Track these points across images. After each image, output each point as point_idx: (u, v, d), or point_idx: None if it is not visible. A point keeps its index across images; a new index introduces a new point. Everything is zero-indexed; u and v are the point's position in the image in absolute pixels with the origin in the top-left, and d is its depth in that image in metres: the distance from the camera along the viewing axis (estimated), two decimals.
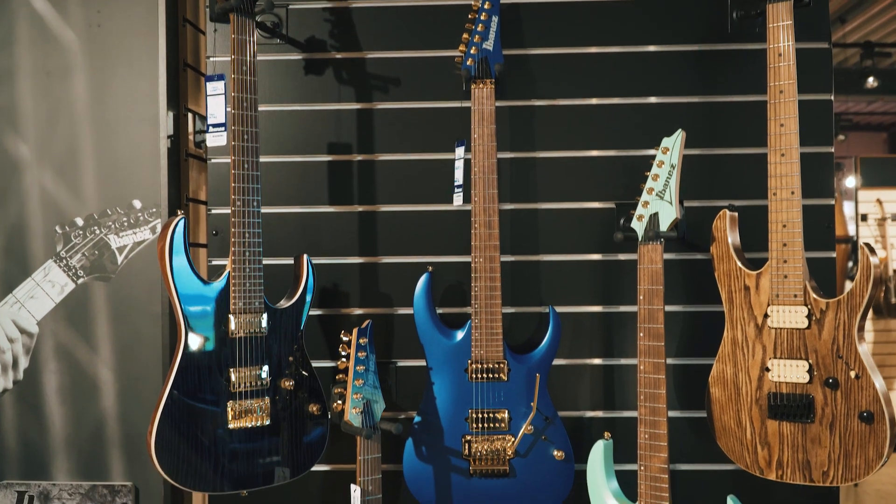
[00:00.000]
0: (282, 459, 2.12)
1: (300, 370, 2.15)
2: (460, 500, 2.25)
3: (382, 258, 2.42)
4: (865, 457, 1.94)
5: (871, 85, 7.22)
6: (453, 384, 2.25)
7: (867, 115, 9.31)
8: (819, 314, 2.00)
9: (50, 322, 2.55)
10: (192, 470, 2.01)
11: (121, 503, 2.55)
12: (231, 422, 2.05)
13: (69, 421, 2.54)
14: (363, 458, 2.06)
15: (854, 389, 1.95)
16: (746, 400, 2.09)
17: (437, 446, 2.24)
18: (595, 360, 2.39)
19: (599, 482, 2.16)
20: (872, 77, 7.29)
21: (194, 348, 2.01)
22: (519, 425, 2.21)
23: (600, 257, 2.39)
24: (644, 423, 2.06)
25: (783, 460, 2.05)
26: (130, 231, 2.56)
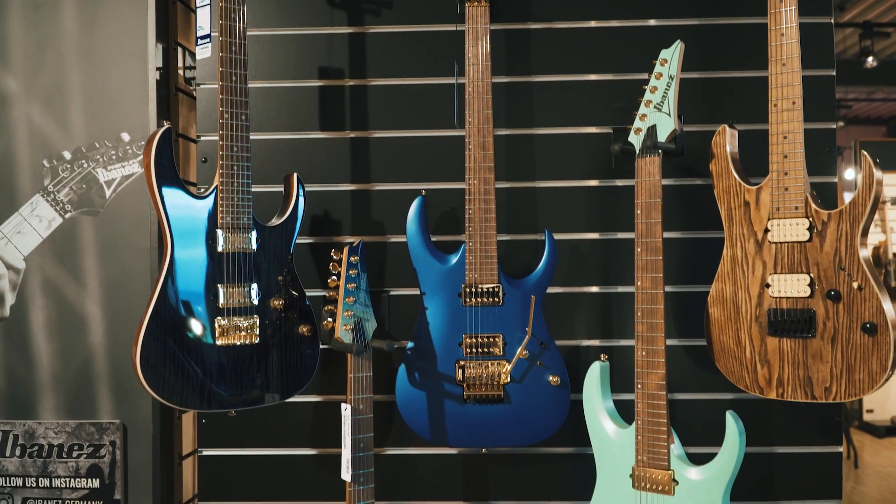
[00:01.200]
0: (271, 380, 2.07)
1: (290, 290, 2.10)
2: (454, 427, 2.19)
3: (375, 185, 2.37)
4: (869, 370, 1.89)
5: (870, 65, 7.18)
6: (447, 309, 2.20)
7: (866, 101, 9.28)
8: (820, 226, 1.95)
9: (37, 257, 2.50)
10: (178, 386, 1.96)
11: (108, 441, 2.49)
12: (218, 338, 2.00)
13: (56, 358, 2.49)
14: (354, 377, 2.01)
15: (857, 301, 1.90)
16: (746, 318, 2.04)
17: (430, 372, 2.19)
18: (592, 287, 2.34)
19: (595, 402, 2.11)
20: (872, 57, 7.26)
21: (181, 263, 1.97)
22: (514, 351, 2.16)
23: (597, 183, 2.34)
24: (641, 339, 2.01)
25: (783, 378, 2.00)
26: (119, 164, 2.51)
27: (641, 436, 2.02)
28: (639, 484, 2.03)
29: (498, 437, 2.21)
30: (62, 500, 2.49)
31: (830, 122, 2.29)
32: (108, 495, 2.50)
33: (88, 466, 2.49)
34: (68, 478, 2.50)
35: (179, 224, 1.97)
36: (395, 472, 2.36)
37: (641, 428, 2.02)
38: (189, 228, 1.98)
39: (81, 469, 2.49)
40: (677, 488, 1.98)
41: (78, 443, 2.49)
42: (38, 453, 2.49)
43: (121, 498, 2.49)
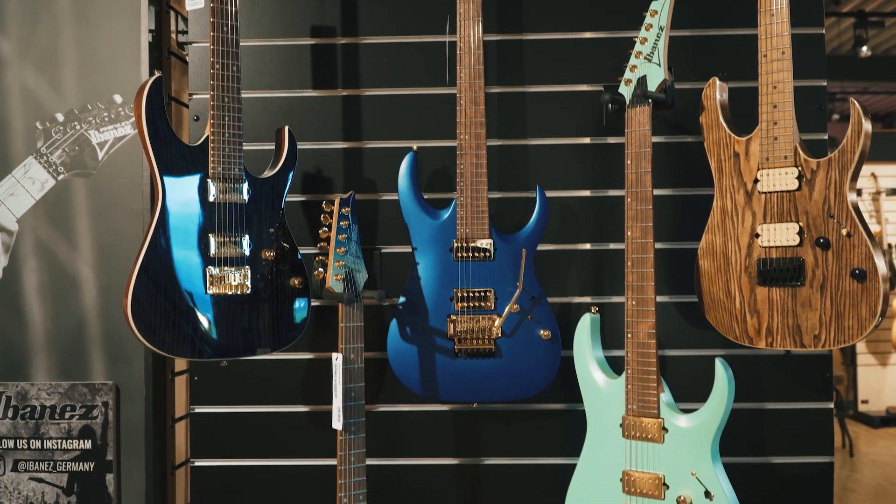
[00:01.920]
0: (262, 331, 2.08)
1: (282, 243, 2.11)
2: (445, 381, 2.20)
3: (367, 143, 2.38)
4: (858, 316, 1.90)
5: (865, 54, 7.20)
6: (438, 264, 2.20)
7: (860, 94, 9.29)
8: (810, 174, 1.96)
9: (30, 219, 2.50)
10: (169, 334, 1.96)
11: (101, 402, 2.49)
12: (209, 288, 2.00)
13: (49, 320, 2.49)
14: (345, 326, 2.02)
15: (846, 248, 1.91)
16: (736, 269, 2.05)
17: (421, 327, 2.20)
18: (584, 245, 2.35)
19: (586, 353, 2.12)
20: (866, 47, 7.28)
21: (172, 211, 1.97)
22: (505, 305, 2.17)
23: (589, 141, 2.35)
24: (632, 289, 2.02)
25: (773, 327, 2.00)
26: (111, 126, 2.52)
27: (631, 385, 2.02)
28: (629, 433, 2.03)
29: (489, 391, 2.21)
30: (54, 462, 2.49)
31: (820, 79, 2.30)
32: (101, 456, 2.50)
33: (81, 427, 2.49)
34: (60, 439, 2.50)
35: (170, 172, 1.98)
36: (387, 430, 2.36)
37: (631, 377, 2.02)
38: (180, 177, 1.99)
39: (73, 430, 2.49)
40: (667, 436, 1.98)
41: (70, 404, 2.49)
42: (30, 415, 2.49)
43: (113, 459, 2.49)
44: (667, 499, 1.98)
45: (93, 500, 2.49)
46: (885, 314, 5.79)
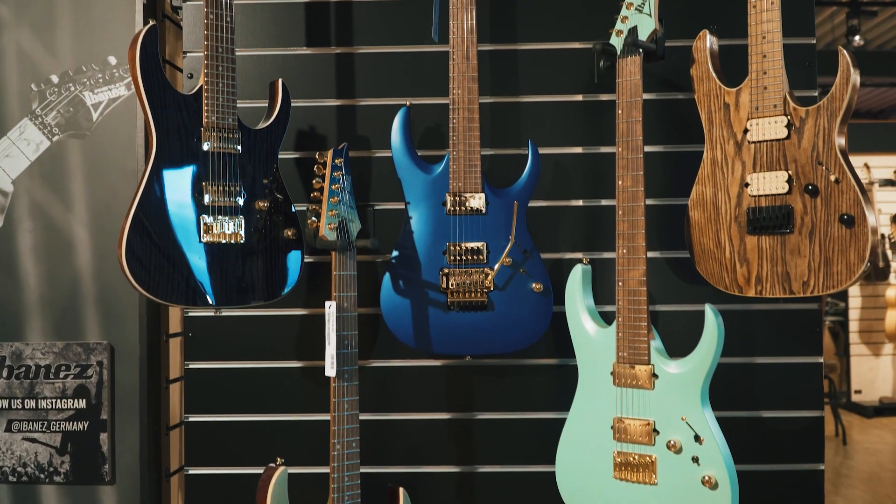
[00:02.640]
0: (256, 281, 2.09)
1: (275, 194, 2.12)
2: (438, 334, 2.21)
3: (360, 101, 2.40)
4: (847, 262, 1.92)
5: (857, 43, 7.23)
6: (431, 218, 2.22)
7: None
8: (799, 123, 1.98)
9: (25, 180, 2.52)
10: (163, 281, 1.97)
11: (95, 361, 2.50)
12: (203, 236, 2.02)
13: (43, 280, 2.51)
14: (338, 274, 2.03)
15: (834, 194, 1.93)
16: (725, 219, 2.07)
17: (414, 280, 2.21)
18: (576, 201, 2.36)
19: (577, 303, 2.13)
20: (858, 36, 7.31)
21: (165, 159, 1.98)
22: (497, 259, 2.18)
23: (581, 98, 2.36)
24: (622, 237, 2.04)
25: (762, 275, 2.02)
26: (105, 87, 2.53)
27: (622, 332, 2.04)
28: (619, 380, 2.05)
29: (481, 343, 2.22)
30: (48, 422, 2.50)
31: (809, 37, 2.32)
32: (95, 415, 2.51)
33: (75, 387, 2.50)
34: (55, 398, 2.51)
35: (163, 120, 1.99)
36: (380, 385, 2.38)
37: (622, 325, 2.04)
38: (173, 125, 2.00)
39: (68, 390, 2.50)
40: (657, 382, 2.00)
41: (65, 363, 2.50)
42: (24, 374, 2.50)
43: (107, 418, 2.50)
44: (657, 444, 1.99)
45: (86, 459, 2.49)
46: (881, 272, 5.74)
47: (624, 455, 2.04)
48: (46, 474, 2.50)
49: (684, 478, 1.96)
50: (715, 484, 1.92)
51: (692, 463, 1.95)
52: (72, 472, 2.51)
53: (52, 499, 2.52)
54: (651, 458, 2.00)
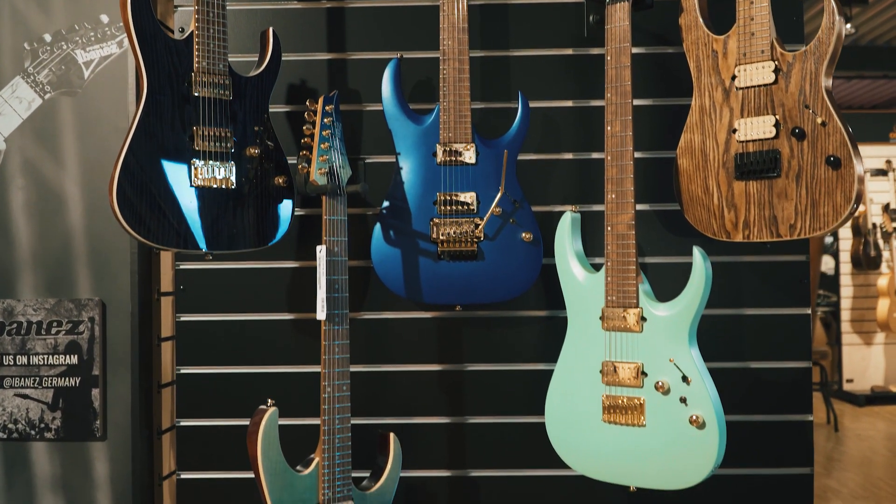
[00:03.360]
0: (247, 227, 2.10)
1: (266, 142, 2.13)
2: (428, 284, 2.22)
3: (351, 55, 2.41)
4: (833, 203, 1.93)
5: (849, 31, 7.26)
6: (421, 168, 2.23)
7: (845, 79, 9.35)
8: (786, 67, 2.00)
9: (17, 138, 2.52)
10: (154, 224, 1.98)
11: (87, 317, 2.51)
12: (194, 180, 2.03)
13: (35, 237, 2.51)
14: (328, 219, 2.04)
15: (821, 136, 1.95)
16: (714, 165, 2.09)
17: (404, 230, 2.22)
18: (566, 154, 2.38)
19: (566, 250, 2.15)
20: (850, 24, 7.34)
21: (156, 102, 1.99)
22: (487, 209, 2.20)
23: (571, 52, 2.38)
24: (612, 182, 2.05)
25: (749, 220, 2.04)
26: (97, 46, 2.54)
27: (611, 276, 2.06)
28: (608, 324, 2.06)
29: (472, 293, 2.24)
30: (39, 378, 2.51)
31: None
32: (87, 371, 2.51)
33: (67, 343, 2.51)
34: (46, 354, 2.51)
35: (154, 63, 2.00)
36: (371, 337, 2.39)
37: (611, 269, 2.06)
38: (164, 69, 2.01)
39: (60, 346, 2.51)
40: (645, 325, 2.02)
41: (57, 319, 2.50)
42: (16, 331, 2.51)
43: (99, 374, 2.50)
44: (645, 386, 2.01)
45: (78, 415, 2.50)
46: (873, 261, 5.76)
47: (612, 398, 2.05)
48: (37, 430, 2.51)
49: (672, 418, 1.97)
50: (702, 423, 1.93)
51: (680, 403, 1.96)
52: (63, 428, 2.51)
53: (44, 455, 2.52)
54: (639, 400, 2.01)
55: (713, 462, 1.94)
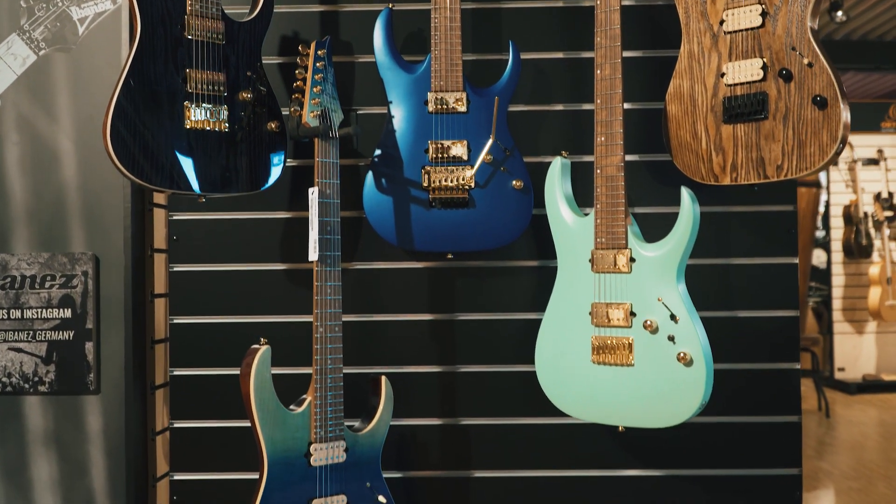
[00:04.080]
0: (240, 171, 2.12)
1: (259, 87, 2.15)
2: (420, 231, 2.24)
3: (343, 6, 2.43)
4: (819, 143, 1.96)
5: (840, 19, 7.30)
6: (413, 117, 2.26)
7: None
8: (773, 11, 2.02)
9: (12, 94, 2.54)
10: (147, 164, 2.00)
11: (81, 271, 2.52)
12: (187, 121, 2.04)
13: (29, 192, 2.53)
14: (320, 161, 2.06)
15: (807, 77, 1.98)
16: (702, 110, 2.11)
17: (396, 178, 2.24)
18: (556, 105, 2.40)
19: (556, 194, 2.17)
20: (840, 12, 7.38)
21: (149, 44, 2.01)
22: (478, 157, 2.21)
23: (562, 4, 2.41)
24: (601, 125, 2.08)
25: (737, 162, 2.06)
26: (91, 2, 2.56)
27: (601, 219, 2.08)
28: (597, 266, 2.09)
29: (463, 240, 2.26)
30: (33, 331, 2.52)
31: None
32: (80, 325, 2.53)
33: (61, 297, 2.52)
34: (40, 308, 2.52)
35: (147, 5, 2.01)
36: (363, 287, 2.41)
37: (601, 211, 2.08)
38: (157, 12, 2.03)
39: (53, 299, 2.52)
40: (634, 266, 2.04)
41: (50, 273, 2.52)
42: (10, 285, 2.52)
43: (93, 327, 2.52)
44: (634, 326, 2.03)
45: (71, 368, 2.52)
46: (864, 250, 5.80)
47: (601, 339, 2.07)
48: (31, 384, 2.52)
49: (660, 356, 1.99)
50: (690, 360, 1.95)
51: (668, 342, 1.98)
52: (57, 381, 2.52)
53: (37, 409, 2.53)
54: (628, 339, 2.04)
55: (700, 399, 1.96)
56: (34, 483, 2.55)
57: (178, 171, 2.04)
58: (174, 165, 2.04)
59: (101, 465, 2.56)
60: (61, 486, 2.56)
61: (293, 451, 2.03)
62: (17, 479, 2.54)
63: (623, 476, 2.39)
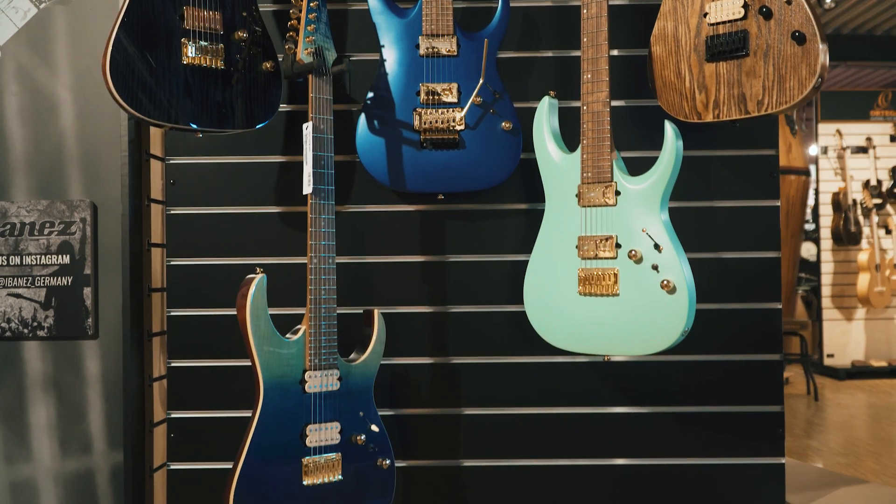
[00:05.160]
0: (236, 108, 2.18)
1: (254, 27, 2.21)
2: (412, 172, 2.30)
3: None
4: (799, 78, 2.02)
5: (829, 5, 7.37)
6: (404, 60, 2.32)
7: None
8: None
9: (12, 47, 2.59)
10: (146, 98, 2.05)
11: (79, 218, 2.57)
12: (184, 57, 2.10)
13: (29, 142, 2.58)
14: (315, 97, 2.12)
15: (786, 14, 2.04)
16: (686, 50, 2.17)
17: (388, 120, 2.30)
18: (546, 52, 2.46)
19: (544, 132, 2.24)
20: None
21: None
22: (468, 100, 2.27)
23: None
24: (587, 62, 2.14)
25: (720, 99, 2.13)
26: None
27: (587, 154, 2.14)
28: (584, 200, 2.15)
29: (453, 181, 2.32)
30: (32, 277, 2.57)
31: None
32: (79, 270, 2.58)
33: (59, 243, 2.57)
34: (39, 255, 2.57)
35: None
36: (355, 230, 2.48)
37: (587, 146, 2.14)
38: None
39: (52, 246, 2.57)
40: (619, 198, 2.10)
41: (49, 220, 2.57)
42: (9, 232, 2.57)
43: (91, 273, 2.57)
44: (619, 257, 2.09)
45: (70, 313, 2.57)
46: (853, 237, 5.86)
47: (588, 271, 2.13)
48: (30, 329, 2.57)
49: (645, 285, 2.05)
50: (673, 288, 2.02)
51: (652, 270, 2.04)
52: (55, 326, 2.57)
53: (36, 354, 2.58)
54: (614, 270, 2.10)
55: (683, 325, 2.02)
56: (32, 427, 2.60)
57: (176, 106, 2.10)
58: (171, 100, 2.09)
59: (98, 409, 2.60)
60: (59, 429, 2.60)
61: (288, 377, 2.08)
62: (16, 423, 2.59)
63: (610, 413, 2.45)
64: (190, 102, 2.11)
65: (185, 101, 2.11)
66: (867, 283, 7.97)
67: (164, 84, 2.08)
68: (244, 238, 2.47)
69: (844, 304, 8.30)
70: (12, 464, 2.59)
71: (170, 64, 2.09)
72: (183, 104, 2.10)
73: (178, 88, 2.09)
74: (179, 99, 2.10)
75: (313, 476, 2.10)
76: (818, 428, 6.21)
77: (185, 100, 2.11)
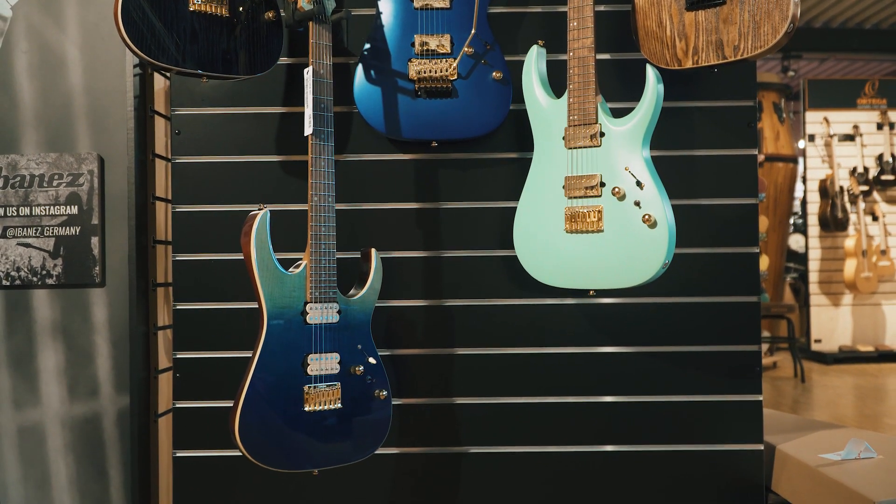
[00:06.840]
0: (240, 55, 2.29)
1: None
2: (407, 120, 2.42)
3: None
4: (772, 23, 2.15)
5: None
6: (400, 13, 2.44)
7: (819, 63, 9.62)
8: None
9: (23, 6, 2.70)
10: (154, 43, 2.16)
11: (87, 170, 2.69)
12: (191, 4, 2.22)
13: (38, 97, 2.69)
14: (315, 42, 2.24)
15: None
16: (667, 0, 2.29)
17: (384, 70, 2.42)
18: (535, 8, 2.58)
19: (532, 78, 2.36)
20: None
21: None
22: (461, 51, 2.39)
23: None
24: (573, 10, 2.27)
25: (698, 46, 2.25)
26: None
27: (573, 98, 2.26)
28: (570, 143, 2.27)
29: (446, 128, 2.44)
30: (41, 227, 2.68)
31: None
32: (87, 220, 2.69)
33: (68, 194, 2.69)
34: (48, 205, 2.69)
35: None
36: (353, 178, 2.59)
37: (573, 91, 2.26)
38: None
39: (61, 197, 2.68)
40: (604, 139, 2.22)
41: (58, 172, 2.68)
42: (20, 183, 2.68)
43: (98, 223, 2.68)
44: (603, 195, 2.21)
45: (78, 262, 2.68)
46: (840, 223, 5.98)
47: (574, 209, 2.25)
48: (39, 277, 2.68)
49: (627, 220, 2.17)
50: (654, 223, 2.14)
51: (634, 206, 2.17)
52: (64, 274, 2.68)
53: (45, 301, 2.69)
54: (598, 207, 2.22)
55: (663, 257, 2.14)
56: (41, 372, 2.71)
57: (182, 51, 2.21)
58: (178, 45, 2.20)
59: (106, 355, 2.71)
60: (67, 374, 2.71)
61: (290, 308, 2.20)
62: (25, 368, 2.70)
63: (595, 353, 2.56)
64: (196, 48, 2.23)
65: (191, 45, 2.22)
66: (854, 269, 8.10)
67: (172, 29, 2.19)
68: (246, 186, 2.58)
69: (832, 290, 8.44)
70: (22, 408, 2.70)
71: (177, 10, 2.20)
72: (188, 49, 2.22)
73: (185, 34, 2.21)
74: (186, 45, 2.21)
75: (314, 403, 2.21)
76: (805, 406, 6.34)
77: (191, 45, 2.22)
